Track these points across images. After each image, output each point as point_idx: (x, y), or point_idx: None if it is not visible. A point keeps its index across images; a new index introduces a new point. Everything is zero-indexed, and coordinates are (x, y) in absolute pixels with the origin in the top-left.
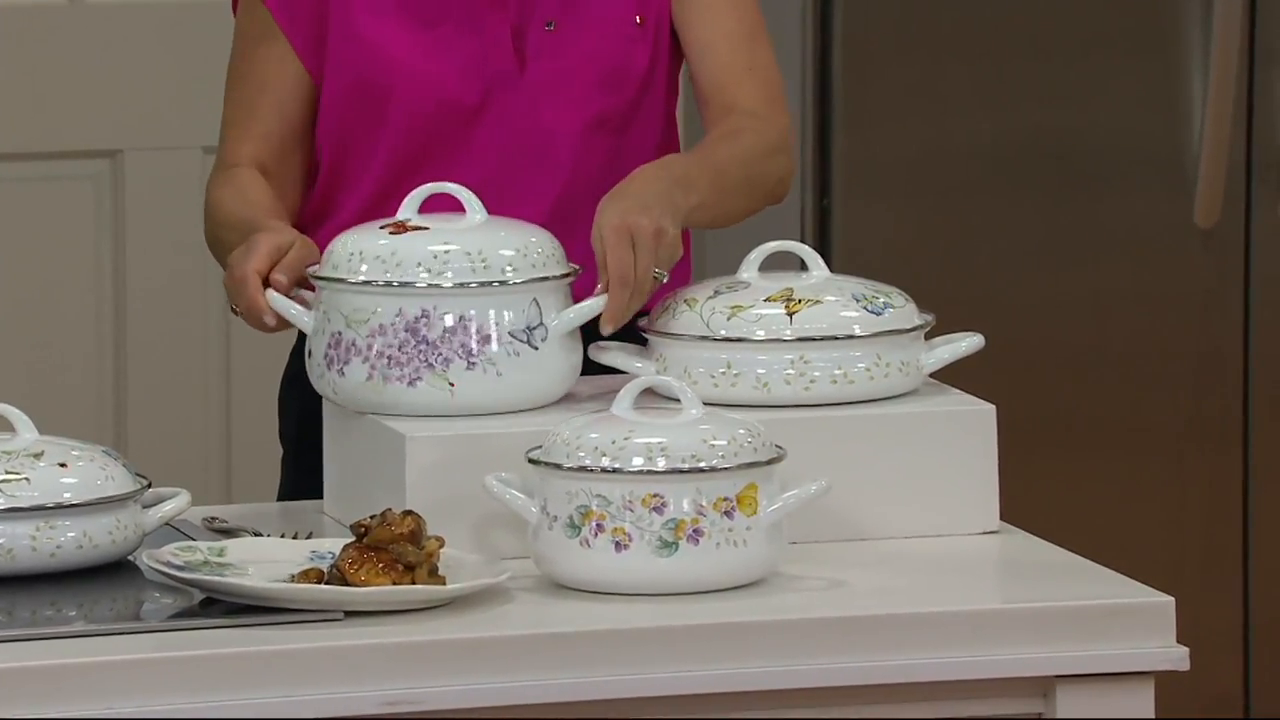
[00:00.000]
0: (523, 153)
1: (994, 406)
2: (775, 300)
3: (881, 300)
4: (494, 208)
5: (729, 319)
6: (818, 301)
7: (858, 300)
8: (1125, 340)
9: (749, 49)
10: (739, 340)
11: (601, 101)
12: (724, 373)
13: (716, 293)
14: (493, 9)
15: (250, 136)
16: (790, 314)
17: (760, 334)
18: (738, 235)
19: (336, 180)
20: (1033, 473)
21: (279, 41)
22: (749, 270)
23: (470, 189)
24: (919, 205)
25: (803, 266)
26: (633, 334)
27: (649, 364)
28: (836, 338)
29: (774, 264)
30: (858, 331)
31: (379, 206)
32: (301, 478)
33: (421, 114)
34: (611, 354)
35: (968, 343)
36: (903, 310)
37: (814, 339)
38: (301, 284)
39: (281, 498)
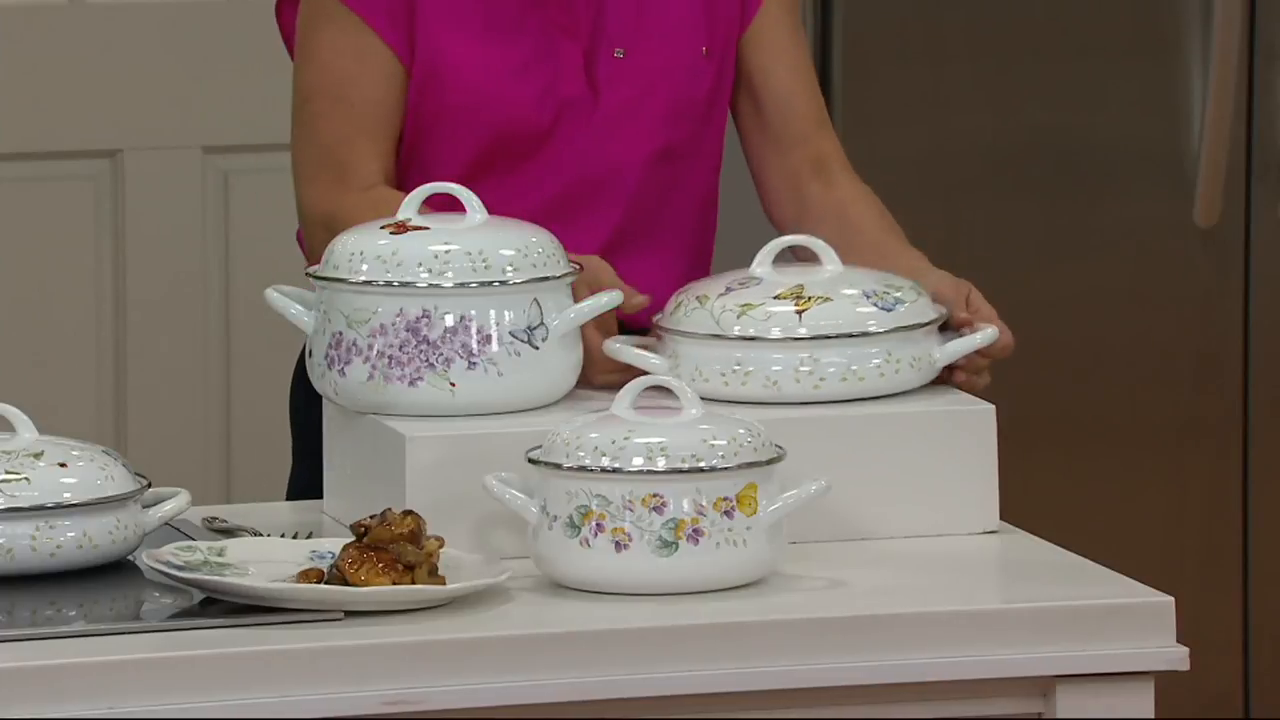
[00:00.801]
0: (587, 179)
1: (994, 406)
2: (785, 298)
3: (893, 296)
4: (554, 232)
5: (739, 317)
6: (828, 299)
7: (869, 297)
8: (1125, 340)
9: (816, 93)
10: (750, 339)
11: (669, 133)
12: (735, 370)
13: (728, 289)
14: (566, 35)
15: (379, 154)
16: (800, 312)
17: (773, 332)
18: (750, 230)
19: (401, 187)
20: (1033, 472)
21: (381, 55)
22: (762, 265)
23: (529, 214)
24: (919, 205)
25: (815, 260)
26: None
27: (663, 361)
28: (849, 335)
29: (789, 257)
30: (871, 329)
31: None
32: (316, 471)
33: (493, 135)
34: (626, 351)
35: (983, 335)
36: (915, 305)
37: (825, 337)
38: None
39: (292, 487)
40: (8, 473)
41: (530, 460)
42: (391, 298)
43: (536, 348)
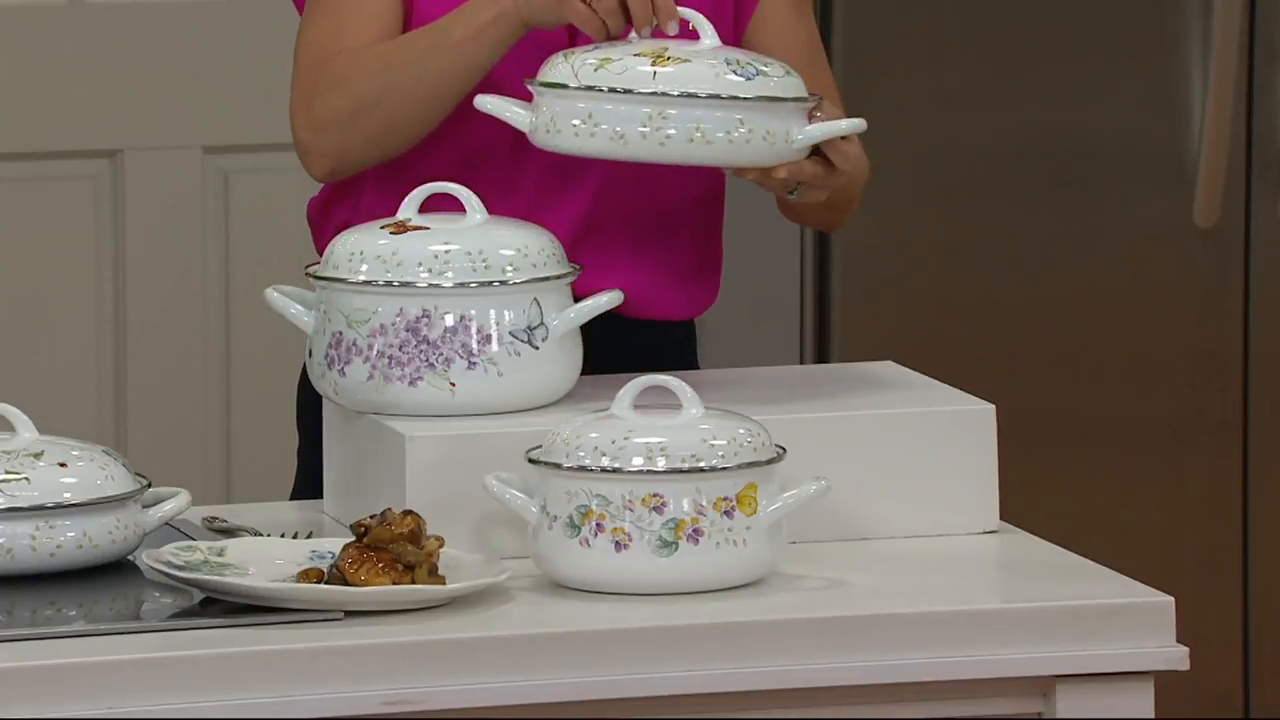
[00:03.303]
0: (561, 157)
1: (994, 406)
2: (645, 55)
3: (756, 68)
4: (540, 207)
5: (595, 70)
6: (687, 60)
7: (730, 64)
8: (1125, 339)
9: (816, 69)
10: (600, 91)
11: None
12: (585, 122)
13: (597, 46)
14: None
15: (364, 43)
16: (655, 70)
17: (621, 85)
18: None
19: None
20: (1032, 472)
21: None
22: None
23: (519, 187)
24: (919, 205)
25: (693, 34)
26: (682, 360)
27: (526, 112)
28: (695, 95)
29: None
30: (720, 92)
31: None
32: (321, 472)
33: (475, 111)
34: (494, 103)
35: (848, 123)
36: (778, 81)
37: (670, 95)
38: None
39: (298, 488)
40: (8, 473)
41: (530, 460)
42: (391, 298)
43: (536, 348)
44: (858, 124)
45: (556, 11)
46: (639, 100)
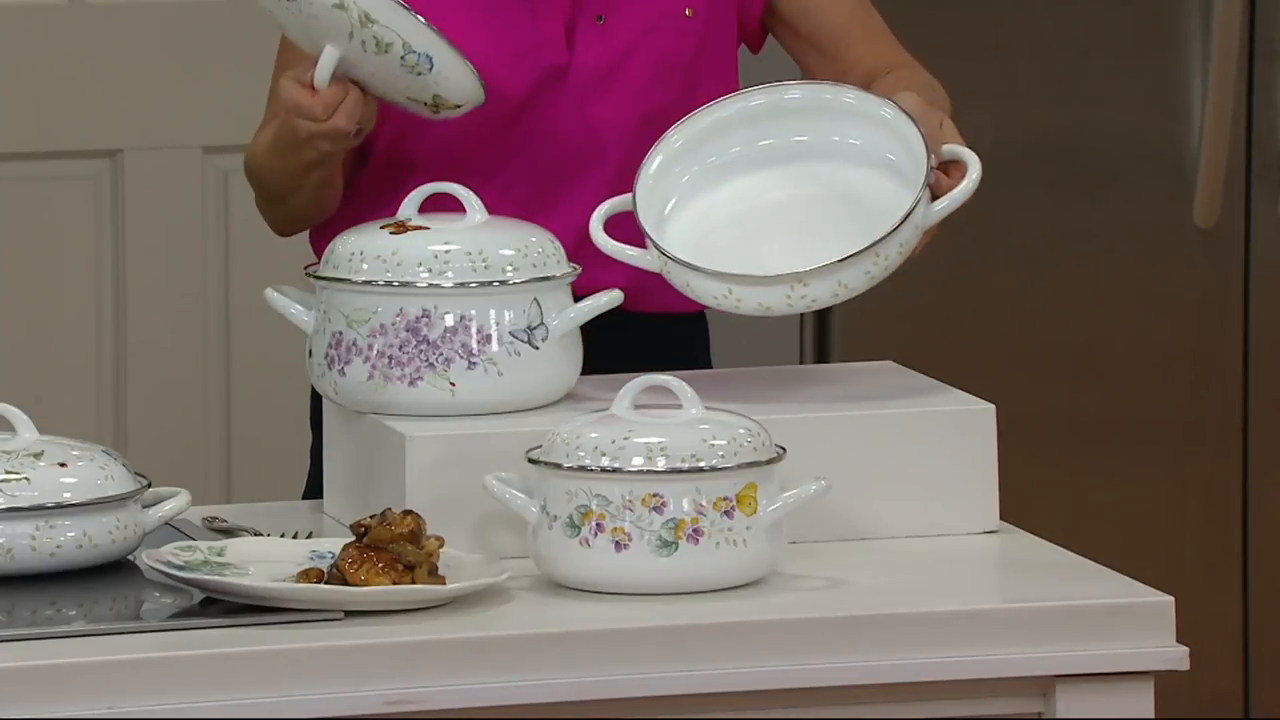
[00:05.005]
0: (571, 150)
1: (994, 406)
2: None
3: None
4: (540, 208)
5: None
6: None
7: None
8: (1125, 340)
9: (859, 10)
10: (739, 276)
11: (652, 97)
12: (727, 296)
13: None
14: (547, 5)
15: None
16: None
17: (755, 271)
18: None
19: (381, 162)
20: (1033, 472)
21: None
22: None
23: (511, 184)
24: None
25: None
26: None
27: (642, 254)
28: (834, 263)
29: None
30: (851, 251)
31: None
32: None
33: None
34: (613, 246)
35: (972, 183)
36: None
37: (801, 270)
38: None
39: (310, 486)
40: (8, 473)
41: (530, 460)
42: (391, 297)
43: (536, 348)
44: (975, 179)
45: (344, 142)
46: (775, 281)
